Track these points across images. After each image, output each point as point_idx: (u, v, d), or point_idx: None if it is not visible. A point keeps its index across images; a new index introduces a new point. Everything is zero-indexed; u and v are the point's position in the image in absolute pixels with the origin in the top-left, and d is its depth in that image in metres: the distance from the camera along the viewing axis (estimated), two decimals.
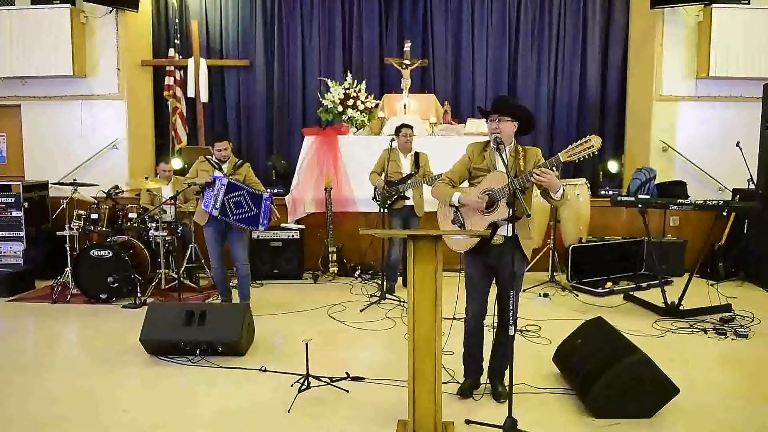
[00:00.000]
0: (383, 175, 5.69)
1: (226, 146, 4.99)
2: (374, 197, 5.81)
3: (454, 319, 4.38)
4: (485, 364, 3.56)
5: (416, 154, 5.74)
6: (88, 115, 7.63)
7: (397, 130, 5.72)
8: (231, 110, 8.31)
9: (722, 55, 7.07)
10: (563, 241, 6.44)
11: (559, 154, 3.10)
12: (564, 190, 3.19)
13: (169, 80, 7.86)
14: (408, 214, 5.71)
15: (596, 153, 3.04)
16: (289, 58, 8.19)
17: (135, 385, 3.71)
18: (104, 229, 5.89)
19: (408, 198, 5.66)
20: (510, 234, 3.11)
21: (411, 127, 5.73)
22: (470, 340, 3.50)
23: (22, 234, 6.58)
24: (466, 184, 3.45)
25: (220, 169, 4.99)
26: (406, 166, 5.69)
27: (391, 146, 5.64)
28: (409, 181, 5.58)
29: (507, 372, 3.18)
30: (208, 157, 5.09)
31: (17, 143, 7.81)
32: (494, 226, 3.24)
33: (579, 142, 3.06)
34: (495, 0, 8.02)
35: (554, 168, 3.11)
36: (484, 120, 3.36)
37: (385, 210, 5.65)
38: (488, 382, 3.52)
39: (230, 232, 5.06)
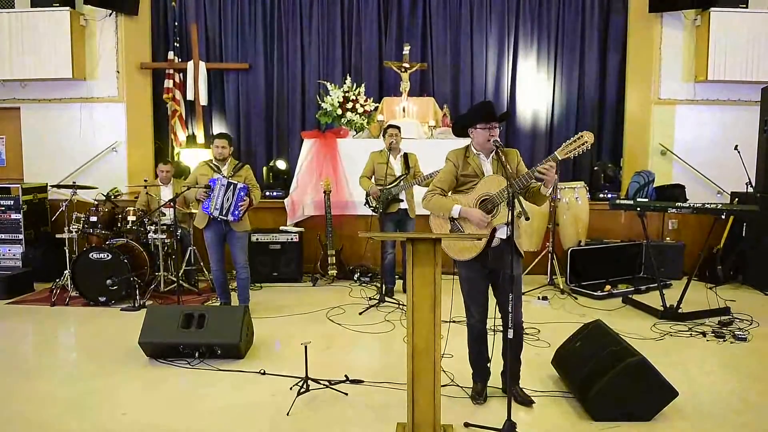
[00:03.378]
0: (373, 178, 5.69)
1: (225, 145, 5.05)
2: (366, 203, 5.80)
3: (453, 322, 4.39)
4: (493, 370, 3.55)
5: (405, 155, 5.72)
6: (88, 117, 7.64)
7: (384, 131, 5.71)
8: (230, 113, 8.31)
9: (720, 58, 7.10)
10: (562, 244, 6.45)
11: (555, 152, 3.13)
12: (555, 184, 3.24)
13: (168, 83, 7.87)
14: (402, 217, 5.70)
15: (589, 148, 3.08)
16: (289, 61, 8.19)
17: (134, 388, 3.70)
18: (103, 231, 5.89)
19: (402, 201, 5.65)
20: (505, 236, 3.11)
21: (398, 128, 5.70)
22: (477, 344, 3.48)
23: (21, 236, 6.59)
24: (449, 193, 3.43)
25: (219, 171, 5.01)
26: (397, 168, 5.66)
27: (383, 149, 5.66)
28: (401, 183, 5.58)
29: (507, 375, 3.19)
30: (206, 161, 5.12)
31: (17, 146, 7.81)
32: (493, 229, 3.24)
33: (572, 139, 3.10)
34: (494, 3, 8.03)
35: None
36: (475, 127, 3.28)
37: (379, 213, 5.64)
38: (503, 388, 3.50)
39: (230, 235, 5.07)
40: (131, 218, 5.89)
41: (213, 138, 5.16)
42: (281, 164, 7.67)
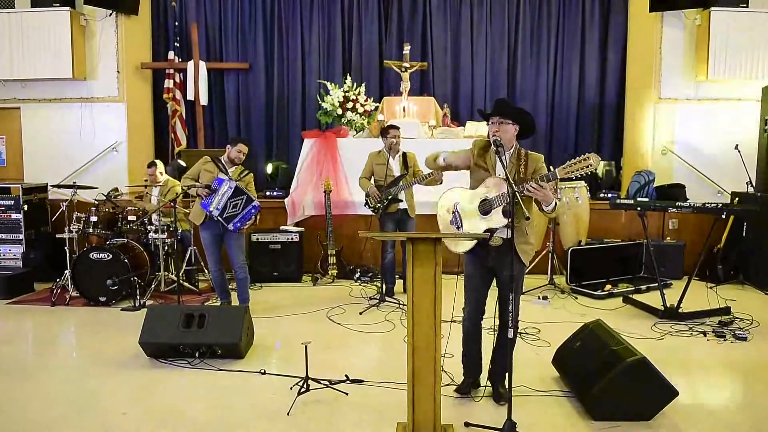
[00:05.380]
0: (372, 179, 5.68)
1: (246, 151, 5.07)
2: (366, 203, 5.79)
3: (454, 321, 4.39)
4: (485, 365, 3.57)
5: (404, 155, 5.70)
6: (88, 117, 7.64)
7: (384, 131, 5.67)
8: (230, 113, 8.32)
9: (721, 57, 7.09)
10: (562, 243, 6.44)
11: (555, 170, 3.08)
12: (556, 203, 3.19)
13: (168, 83, 7.87)
14: (402, 216, 5.68)
15: (594, 171, 3.02)
16: (289, 61, 8.20)
17: (134, 388, 3.70)
18: (103, 231, 5.89)
19: (401, 201, 5.64)
20: (508, 237, 3.11)
21: (398, 128, 5.67)
22: (467, 340, 3.53)
23: (22, 236, 6.58)
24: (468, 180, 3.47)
25: (226, 173, 5.00)
26: (395, 168, 5.64)
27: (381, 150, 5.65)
28: (400, 183, 5.56)
29: (510, 374, 3.19)
30: (214, 158, 5.10)
31: (17, 146, 7.81)
32: (490, 230, 3.25)
33: (577, 159, 3.03)
34: (494, 3, 8.03)
35: (552, 182, 3.10)
36: (485, 122, 3.37)
37: (379, 213, 5.63)
38: (488, 384, 3.53)
39: (227, 235, 5.06)
40: (131, 218, 5.89)
41: (235, 141, 5.05)
42: (269, 168, 7.61)
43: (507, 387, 3.07)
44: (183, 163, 7.03)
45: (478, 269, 3.37)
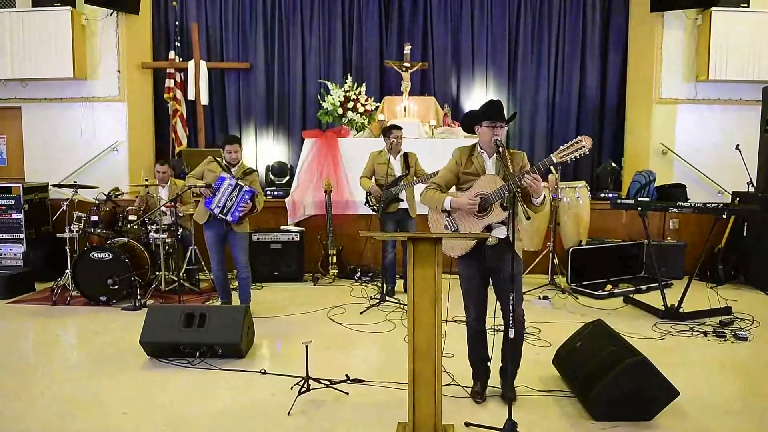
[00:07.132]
0: (373, 178, 5.68)
1: (237, 149, 5.02)
2: (366, 202, 5.79)
3: (453, 321, 4.39)
4: (491, 365, 3.56)
5: (405, 155, 5.70)
6: (89, 117, 7.64)
7: (387, 131, 5.66)
8: (231, 112, 8.32)
9: (721, 58, 7.09)
10: (563, 243, 6.44)
11: (551, 155, 3.11)
12: (545, 197, 3.19)
13: (169, 82, 7.88)
14: (402, 216, 5.68)
15: (587, 153, 3.03)
16: (290, 61, 8.21)
17: (134, 388, 3.70)
18: (104, 231, 5.89)
19: (402, 200, 5.64)
20: (503, 236, 3.12)
21: (400, 129, 5.67)
22: (475, 343, 3.51)
23: (22, 236, 6.58)
24: (453, 189, 3.45)
25: (229, 172, 4.99)
26: (397, 167, 5.64)
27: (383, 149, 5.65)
28: (401, 183, 5.56)
29: (508, 374, 3.19)
30: (217, 158, 5.10)
31: (18, 145, 7.82)
32: (488, 228, 3.25)
33: (570, 143, 3.07)
34: (495, 3, 8.04)
35: (553, 169, 3.12)
36: (480, 125, 3.30)
37: (380, 212, 5.62)
38: (489, 384, 3.52)
39: (231, 235, 5.06)
40: (132, 217, 5.90)
41: (223, 143, 5.08)
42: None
43: (509, 385, 3.07)
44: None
45: (478, 270, 3.36)
